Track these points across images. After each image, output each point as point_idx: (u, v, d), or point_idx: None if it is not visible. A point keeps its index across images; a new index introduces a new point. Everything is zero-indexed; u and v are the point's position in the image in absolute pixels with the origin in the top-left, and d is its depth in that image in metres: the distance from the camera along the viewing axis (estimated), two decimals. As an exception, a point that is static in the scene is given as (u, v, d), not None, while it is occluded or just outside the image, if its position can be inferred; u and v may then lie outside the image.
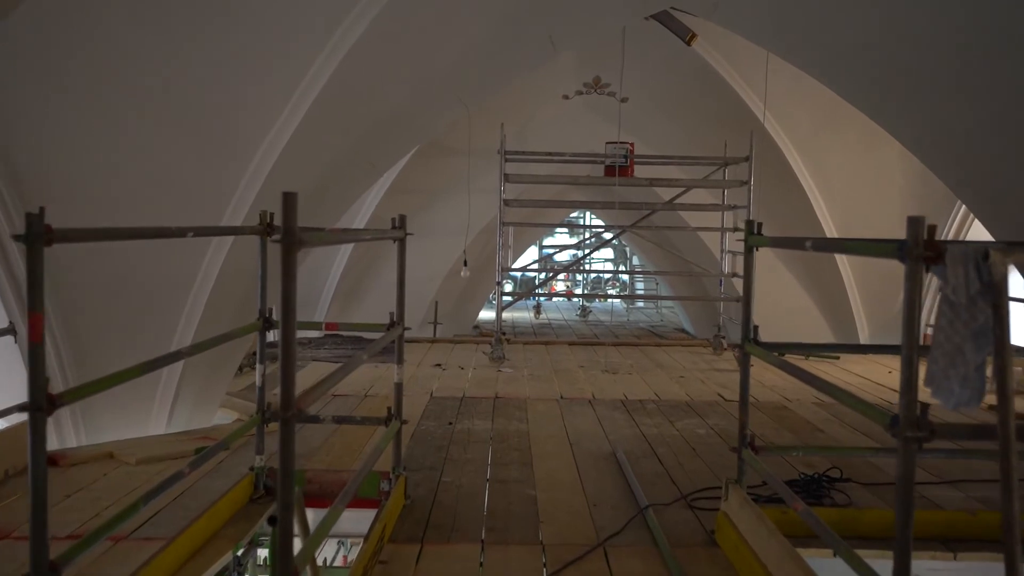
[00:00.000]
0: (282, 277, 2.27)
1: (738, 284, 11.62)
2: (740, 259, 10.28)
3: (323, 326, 4.74)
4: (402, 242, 4.38)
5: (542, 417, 6.90)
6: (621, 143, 9.84)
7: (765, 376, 9.10)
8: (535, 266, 16.88)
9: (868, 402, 2.54)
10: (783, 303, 12.32)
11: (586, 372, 9.30)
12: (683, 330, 19.66)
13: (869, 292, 12.14)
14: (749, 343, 3.85)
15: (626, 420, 6.83)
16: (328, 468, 4.97)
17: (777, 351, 3.89)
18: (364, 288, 13.30)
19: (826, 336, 12.87)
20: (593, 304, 25.42)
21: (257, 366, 4.49)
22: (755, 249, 3.90)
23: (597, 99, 11.90)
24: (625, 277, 28.85)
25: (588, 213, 25.31)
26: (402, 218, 4.35)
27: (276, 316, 4.28)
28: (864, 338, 12.42)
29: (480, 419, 6.77)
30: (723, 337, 10.99)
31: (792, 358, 10.64)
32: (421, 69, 5.70)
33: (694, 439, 6.19)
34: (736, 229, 10.30)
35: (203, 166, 5.17)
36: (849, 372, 9.60)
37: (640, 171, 10.43)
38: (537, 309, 23.12)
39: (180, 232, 3.30)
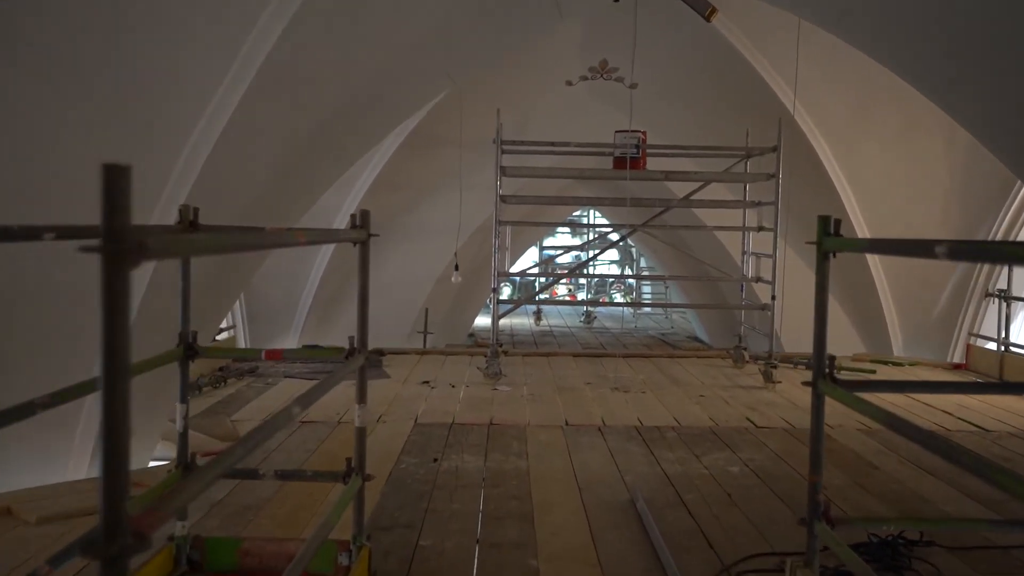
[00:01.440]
0: (103, 308, 1.36)
1: (758, 289, 10.71)
2: (764, 262, 9.41)
3: (262, 354, 3.78)
4: (365, 245, 3.45)
5: (544, 450, 5.98)
6: (632, 131, 8.90)
7: (796, 395, 8.20)
8: (535, 269, 15.91)
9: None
10: (806, 307, 11.39)
11: (593, 390, 8.37)
12: (697, 339, 18.70)
13: (904, 296, 11.25)
14: (824, 381, 2.93)
15: (643, 454, 5.91)
16: (270, 536, 4.03)
17: (861, 390, 2.98)
18: (347, 296, 12.38)
19: (854, 344, 11.97)
20: (598, 309, 24.46)
21: (178, 407, 3.55)
22: (831, 255, 2.97)
23: (604, 85, 10.97)
24: (633, 280, 27.77)
25: (592, 211, 24.36)
26: (364, 215, 3.42)
27: (238, 334, 3.36)
28: (897, 347, 11.54)
29: (471, 454, 5.85)
30: (744, 348, 10.07)
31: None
32: (398, 31, 4.77)
33: (727, 480, 5.27)
34: (761, 228, 9.37)
35: (122, 153, 4.24)
36: (889, 389, 8.64)
37: (653, 163, 9.51)
38: (538, 315, 22.18)
39: (31, 233, 2.37)
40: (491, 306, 9.13)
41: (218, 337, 9.75)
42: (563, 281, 26.06)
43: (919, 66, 5.59)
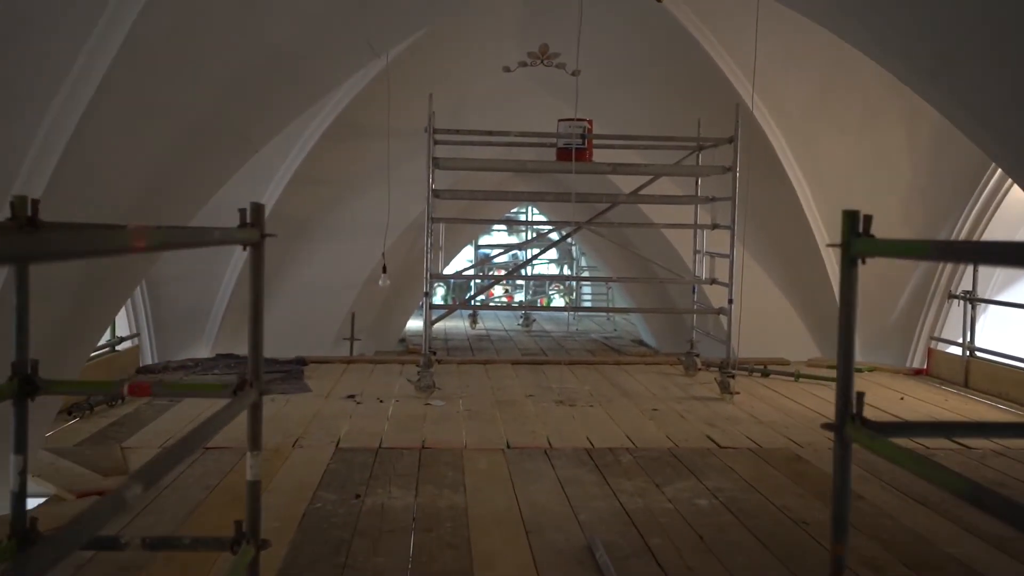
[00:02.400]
0: None
1: (709, 291, 10.15)
2: (719, 263, 8.84)
3: (124, 388, 2.98)
4: (258, 247, 2.74)
5: (485, 481, 5.30)
6: (577, 120, 8.26)
7: (758, 408, 7.65)
8: (471, 271, 15.18)
9: None
10: (757, 308, 10.89)
11: (536, 404, 7.72)
12: (642, 342, 18.15)
13: (861, 298, 10.69)
14: (852, 424, 2.30)
15: (598, 484, 5.26)
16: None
17: (897, 434, 2.36)
18: (269, 298, 11.48)
19: (808, 347, 11.51)
20: (538, 312, 23.72)
21: (12, 459, 2.77)
22: (860, 262, 2.36)
23: (546, 70, 10.32)
24: (575, 281, 26.90)
25: (531, 208, 23.67)
26: (256, 209, 2.71)
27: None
28: (855, 351, 11.06)
29: (400, 487, 5.14)
30: (696, 355, 9.52)
31: (778, 379, 9.26)
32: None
33: (696, 518, 4.64)
34: (716, 226, 8.81)
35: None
36: (853, 399, 8.15)
37: (599, 156, 8.88)
38: (473, 318, 21.44)
39: None
40: (423, 310, 8.43)
41: (119, 348, 8.85)
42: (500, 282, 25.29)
43: (903, 44, 5.03)
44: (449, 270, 18.82)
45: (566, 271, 26.78)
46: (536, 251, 14.44)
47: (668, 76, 9.99)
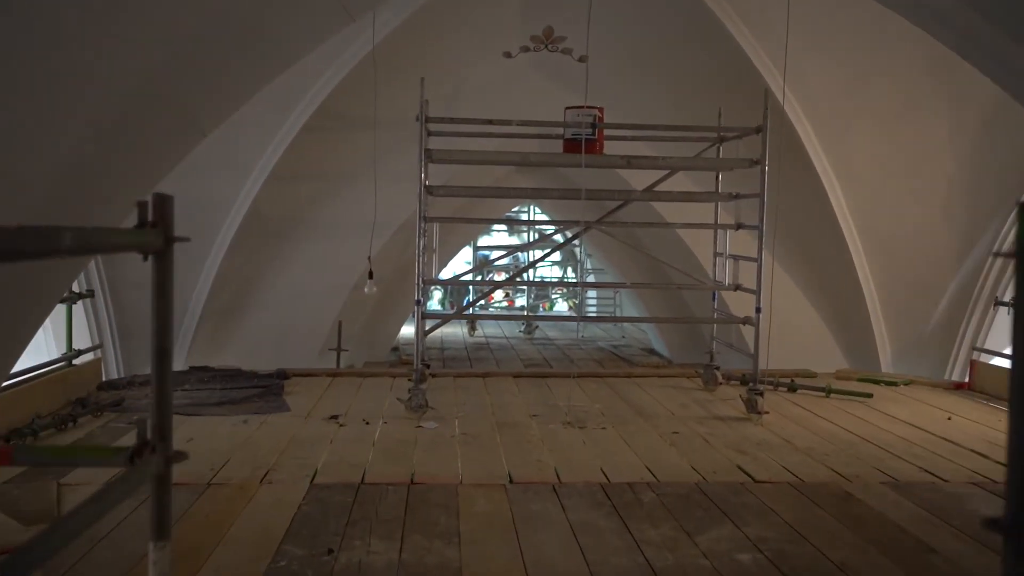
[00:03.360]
0: None
1: (728, 298, 9.39)
2: (745, 266, 8.11)
3: None
4: (163, 257, 1.99)
5: (483, 528, 4.55)
6: (587, 108, 7.52)
7: (790, 430, 6.93)
8: (469, 275, 14.44)
9: None
10: (779, 315, 10.16)
11: (541, 426, 6.98)
12: (653, 351, 17.40)
13: (895, 305, 10.10)
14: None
15: (617, 531, 4.52)
16: None
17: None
18: (249, 305, 10.80)
19: (835, 357, 10.80)
20: (542, 320, 22.90)
21: None
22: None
23: (551, 58, 9.63)
24: (584, 284, 25.89)
25: (533, 206, 22.87)
26: (160, 203, 1.95)
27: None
28: (886, 362, 10.39)
29: (382, 536, 4.39)
30: (717, 368, 8.77)
31: (806, 395, 8.52)
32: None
33: (739, 579, 3.89)
34: (741, 226, 8.06)
35: None
36: (892, 418, 7.48)
37: (610, 149, 8.14)
38: (472, 324, 20.70)
39: None
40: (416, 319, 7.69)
41: (76, 362, 8.09)
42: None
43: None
44: (445, 274, 18.09)
45: (569, 273, 25.96)
46: (540, 253, 13.72)
47: (685, 61, 9.30)
